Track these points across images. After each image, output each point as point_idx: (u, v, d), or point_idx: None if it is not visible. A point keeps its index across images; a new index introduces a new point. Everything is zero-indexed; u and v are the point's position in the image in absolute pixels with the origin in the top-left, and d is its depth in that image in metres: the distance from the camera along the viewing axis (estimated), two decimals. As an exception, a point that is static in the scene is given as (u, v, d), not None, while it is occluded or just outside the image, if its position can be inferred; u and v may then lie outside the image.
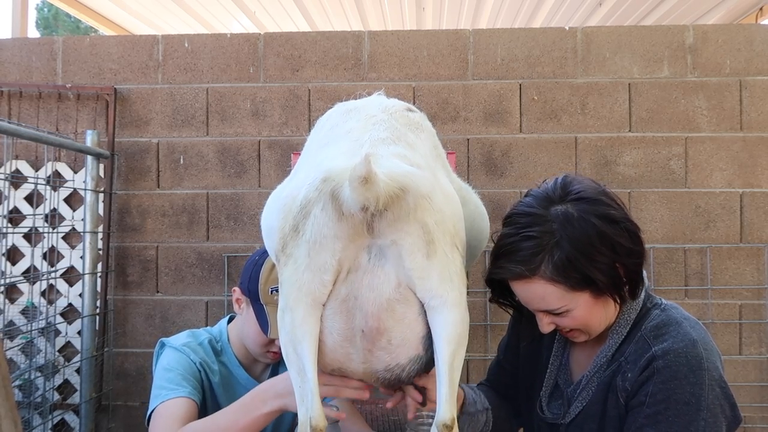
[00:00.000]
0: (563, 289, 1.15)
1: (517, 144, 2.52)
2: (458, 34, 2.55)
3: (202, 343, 1.60)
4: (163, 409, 1.42)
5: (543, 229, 1.14)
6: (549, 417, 1.33)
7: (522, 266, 1.15)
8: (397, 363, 1.01)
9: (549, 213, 1.15)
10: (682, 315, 1.22)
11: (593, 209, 1.14)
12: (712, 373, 1.11)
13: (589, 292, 1.16)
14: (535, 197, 1.20)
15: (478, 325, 2.49)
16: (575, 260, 1.12)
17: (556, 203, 1.17)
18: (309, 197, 0.93)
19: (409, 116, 1.14)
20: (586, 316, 1.19)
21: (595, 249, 1.12)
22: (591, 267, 1.12)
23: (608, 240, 1.13)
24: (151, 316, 2.53)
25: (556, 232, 1.13)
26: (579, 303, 1.17)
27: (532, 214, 1.17)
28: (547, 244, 1.13)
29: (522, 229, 1.16)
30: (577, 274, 1.13)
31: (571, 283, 1.14)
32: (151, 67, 2.57)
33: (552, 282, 1.14)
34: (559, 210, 1.15)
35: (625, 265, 1.16)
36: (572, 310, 1.17)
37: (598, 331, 1.24)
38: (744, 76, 2.48)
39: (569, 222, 1.13)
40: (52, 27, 15.05)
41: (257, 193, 2.54)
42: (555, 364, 1.36)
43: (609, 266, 1.14)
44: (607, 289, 1.16)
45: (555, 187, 1.20)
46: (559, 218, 1.14)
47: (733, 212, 2.47)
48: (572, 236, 1.12)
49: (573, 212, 1.14)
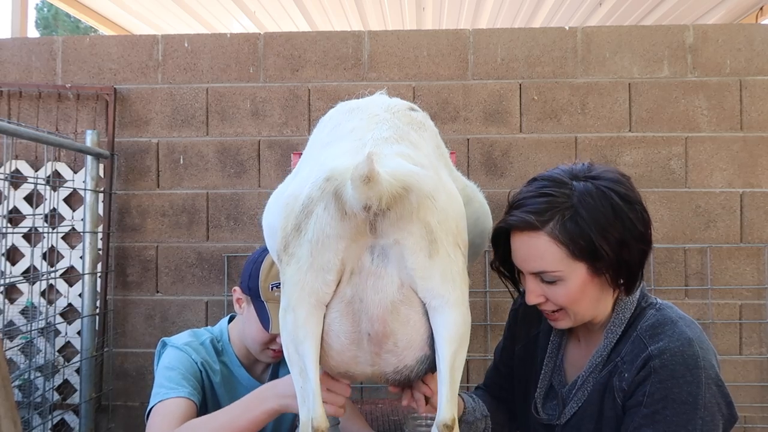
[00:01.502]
0: (565, 253, 1.14)
1: (517, 144, 2.52)
2: (458, 34, 2.54)
3: (203, 343, 1.60)
4: (162, 408, 1.42)
5: (561, 191, 1.16)
6: (544, 418, 1.33)
7: (533, 216, 1.15)
8: (405, 365, 1.01)
9: (571, 182, 1.17)
10: (677, 314, 1.22)
11: (613, 186, 1.16)
12: (708, 371, 1.11)
13: (587, 265, 1.15)
14: (562, 169, 1.23)
15: (478, 325, 2.48)
16: (585, 227, 1.12)
17: (579, 178, 1.19)
18: (312, 196, 0.93)
19: (412, 115, 1.14)
20: (577, 293, 1.17)
21: (608, 221, 1.13)
22: (599, 237, 1.12)
23: (622, 216, 1.14)
24: (151, 316, 2.53)
25: (574, 197, 1.15)
26: (575, 274, 1.16)
27: (554, 178, 1.19)
28: (562, 204, 1.14)
29: (542, 187, 1.18)
30: (582, 242, 1.13)
31: (575, 248, 1.13)
32: (151, 67, 2.56)
33: (556, 241, 1.14)
34: (581, 183, 1.17)
35: (630, 249, 1.16)
36: (565, 281, 1.16)
37: (583, 317, 1.22)
38: (744, 76, 2.48)
39: (588, 193, 1.15)
40: (52, 27, 15.04)
41: (257, 193, 2.54)
42: (549, 365, 1.36)
43: (617, 243, 1.14)
44: (607, 268, 1.15)
45: (581, 166, 1.22)
46: (579, 188, 1.16)
47: (733, 212, 2.47)
48: (588, 205, 1.13)
49: (593, 187, 1.16)
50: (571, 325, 1.25)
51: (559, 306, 1.21)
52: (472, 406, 1.43)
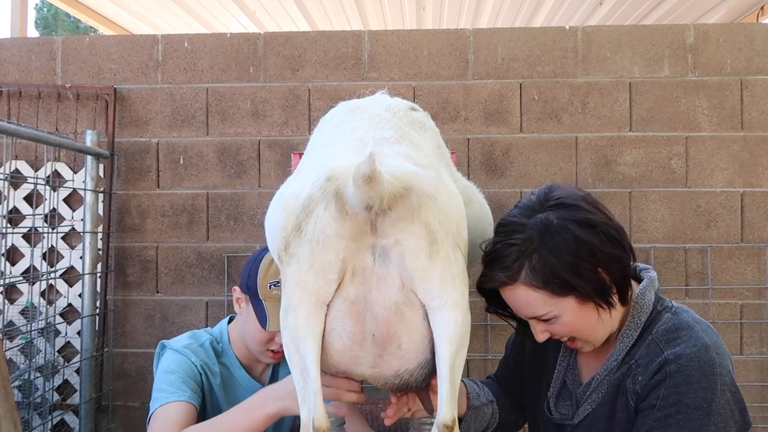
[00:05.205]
0: (546, 294, 1.16)
1: (517, 144, 2.52)
2: (458, 33, 2.54)
3: (203, 345, 1.60)
4: (162, 412, 1.41)
5: (523, 236, 1.17)
6: (557, 417, 1.33)
7: (503, 273, 1.17)
8: (406, 368, 1.01)
9: (529, 221, 1.18)
10: (693, 318, 1.21)
11: (571, 215, 1.16)
12: (724, 377, 1.11)
13: (573, 297, 1.16)
14: (520, 207, 1.24)
15: (478, 325, 2.48)
16: (553, 266, 1.13)
17: (537, 212, 1.19)
18: (312, 196, 0.92)
19: (413, 115, 1.14)
20: (576, 323, 1.19)
21: (573, 254, 1.14)
22: (570, 273, 1.13)
23: (585, 245, 1.14)
24: (151, 317, 2.53)
25: (535, 238, 1.15)
26: (565, 309, 1.17)
27: (514, 222, 1.20)
28: (526, 250, 1.15)
29: (505, 237, 1.19)
30: (556, 280, 1.14)
31: (553, 288, 1.15)
32: (151, 67, 2.56)
33: (533, 288, 1.16)
34: (539, 218, 1.18)
35: (609, 270, 1.16)
36: (560, 317, 1.18)
37: (598, 338, 1.23)
38: (745, 76, 2.48)
39: (547, 229, 1.15)
40: (52, 27, 15.04)
41: (257, 193, 2.54)
42: (563, 365, 1.36)
43: (590, 271, 1.15)
44: (591, 295, 1.16)
45: (538, 197, 1.23)
46: (538, 226, 1.16)
47: (734, 212, 2.47)
48: (550, 242, 1.14)
49: (552, 219, 1.16)
50: (592, 348, 1.26)
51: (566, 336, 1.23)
52: (476, 392, 1.44)
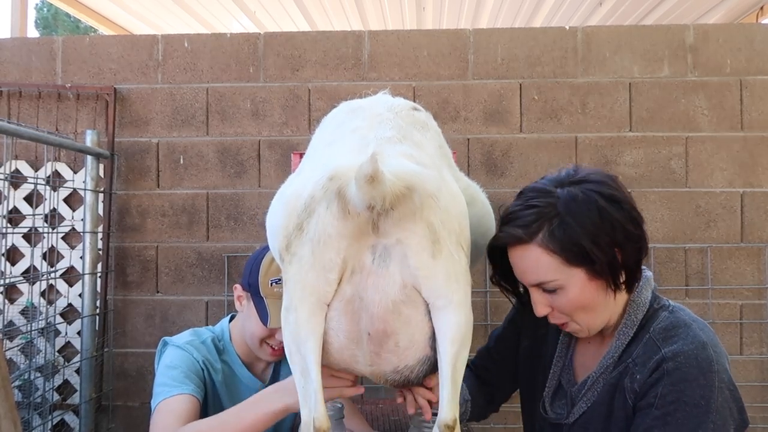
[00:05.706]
0: (559, 261, 1.14)
1: (517, 144, 2.52)
2: (458, 33, 2.54)
3: (205, 342, 1.60)
4: (165, 406, 1.41)
5: (546, 200, 1.17)
6: (552, 417, 1.33)
7: (521, 230, 1.16)
8: (405, 365, 1.01)
9: (556, 190, 1.18)
10: (690, 317, 1.21)
11: (597, 188, 1.16)
12: (721, 375, 1.11)
13: (584, 270, 1.15)
14: (547, 179, 1.24)
15: (479, 325, 2.48)
16: (573, 233, 1.13)
17: (564, 184, 1.19)
18: (314, 195, 0.92)
19: (415, 115, 1.14)
20: (579, 298, 1.17)
21: (595, 225, 1.13)
22: (589, 242, 1.13)
23: (609, 218, 1.14)
24: (151, 316, 2.53)
25: (559, 205, 1.15)
26: (573, 280, 1.16)
27: (539, 189, 1.20)
28: (548, 213, 1.15)
29: (527, 200, 1.19)
30: (574, 248, 1.13)
31: (567, 256, 1.14)
32: (151, 67, 2.56)
33: (548, 251, 1.14)
34: (566, 189, 1.18)
35: (623, 250, 1.16)
36: (565, 288, 1.16)
37: (595, 323, 1.22)
38: (744, 76, 2.48)
39: (573, 199, 1.15)
40: (52, 27, 15.03)
41: (257, 193, 2.54)
42: (558, 365, 1.36)
43: (608, 246, 1.14)
44: (602, 272, 1.15)
45: (567, 173, 1.23)
46: (564, 195, 1.16)
47: (734, 212, 2.47)
48: (573, 211, 1.14)
49: (578, 192, 1.16)
50: (586, 334, 1.25)
51: (565, 315, 1.22)
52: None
